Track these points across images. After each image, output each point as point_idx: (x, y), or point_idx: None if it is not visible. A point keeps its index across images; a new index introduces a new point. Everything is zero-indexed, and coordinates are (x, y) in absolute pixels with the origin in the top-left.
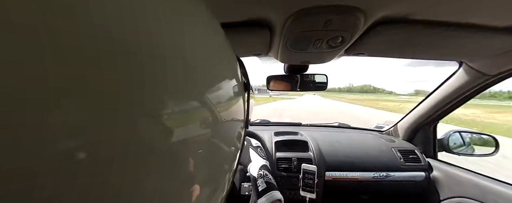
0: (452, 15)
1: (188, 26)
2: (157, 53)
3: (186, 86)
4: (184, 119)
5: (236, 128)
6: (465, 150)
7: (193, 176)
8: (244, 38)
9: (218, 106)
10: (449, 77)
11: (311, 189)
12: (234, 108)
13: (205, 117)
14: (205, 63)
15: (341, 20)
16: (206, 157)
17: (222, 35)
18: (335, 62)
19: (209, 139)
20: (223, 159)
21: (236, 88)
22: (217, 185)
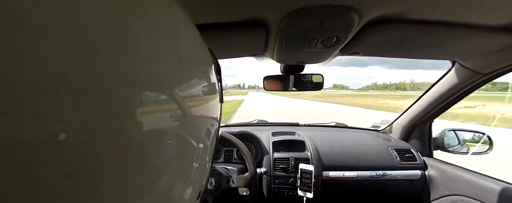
0: (445, 15)
1: (153, 24)
2: (120, 49)
3: (150, 82)
4: (149, 113)
5: (204, 125)
6: (460, 148)
7: (156, 169)
8: (240, 39)
9: (184, 102)
10: (442, 77)
11: (308, 189)
12: (203, 106)
13: (170, 112)
14: (168, 61)
15: (335, 20)
16: (170, 151)
17: (194, 36)
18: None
19: (174, 134)
20: (190, 155)
21: (206, 87)
22: (184, 179)
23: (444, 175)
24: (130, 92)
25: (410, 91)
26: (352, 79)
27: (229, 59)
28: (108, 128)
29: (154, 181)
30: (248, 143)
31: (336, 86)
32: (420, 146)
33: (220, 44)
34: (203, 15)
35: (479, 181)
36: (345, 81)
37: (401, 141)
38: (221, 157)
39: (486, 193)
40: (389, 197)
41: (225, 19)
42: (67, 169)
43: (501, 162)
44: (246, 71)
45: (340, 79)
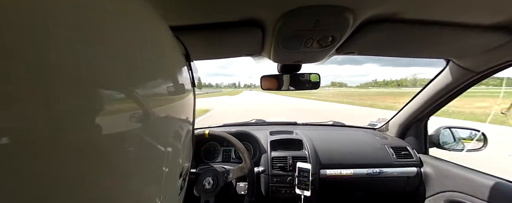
0: (439, 15)
1: (119, 25)
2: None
3: (113, 83)
4: (110, 116)
5: (172, 127)
6: (455, 145)
7: (121, 172)
8: (236, 39)
9: (150, 104)
10: (437, 75)
11: (306, 187)
12: (171, 107)
13: (133, 114)
14: (134, 62)
15: (330, 20)
16: (133, 154)
17: (164, 37)
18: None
19: (137, 137)
20: (157, 157)
21: (173, 88)
22: (152, 182)
23: (439, 172)
24: (76, 91)
25: (418, 87)
26: (347, 77)
27: (225, 59)
28: (54, 130)
29: (114, 187)
30: (246, 142)
31: (334, 84)
32: (416, 144)
33: (217, 44)
34: (199, 15)
35: (474, 177)
36: (341, 79)
37: (397, 138)
38: (219, 157)
39: (480, 189)
40: (385, 194)
41: (221, 19)
42: (16, 174)
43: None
44: (242, 70)
45: (336, 77)
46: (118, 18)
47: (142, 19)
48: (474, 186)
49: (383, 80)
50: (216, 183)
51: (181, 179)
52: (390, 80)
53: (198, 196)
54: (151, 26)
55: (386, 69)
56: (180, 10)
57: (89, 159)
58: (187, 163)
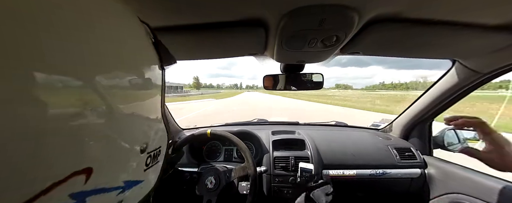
0: (445, 14)
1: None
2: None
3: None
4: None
5: (140, 121)
6: (460, 147)
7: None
8: (239, 38)
9: (114, 99)
10: (442, 76)
11: None
12: (136, 105)
13: (95, 109)
14: (98, 58)
15: (335, 20)
16: (98, 141)
17: (135, 36)
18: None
19: (99, 132)
20: (121, 154)
21: (139, 86)
22: (112, 152)
23: (443, 174)
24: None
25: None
26: (351, 79)
27: (227, 61)
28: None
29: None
30: (248, 142)
31: (338, 86)
32: (420, 145)
33: (220, 43)
34: (202, 15)
35: (479, 179)
36: (344, 81)
37: (401, 139)
38: (221, 156)
39: (485, 191)
40: (389, 195)
41: (224, 19)
42: None
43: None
44: (245, 72)
45: (339, 79)
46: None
47: (132, 26)
48: (480, 188)
49: (391, 83)
50: (218, 182)
51: (146, 154)
52: (399, 83)
53: (200, 195)
54: (134, 30)
55: (391, 71)
56: (183, 10)
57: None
58: (156, 142)
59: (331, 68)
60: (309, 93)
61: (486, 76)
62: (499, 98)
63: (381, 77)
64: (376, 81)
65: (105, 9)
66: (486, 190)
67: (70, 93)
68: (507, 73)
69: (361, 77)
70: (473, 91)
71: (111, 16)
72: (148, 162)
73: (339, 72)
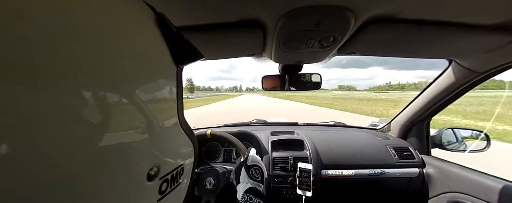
0: (441, 14)
1: (97, 24)
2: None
3: (90, 84)
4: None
5: (142, 136)
6: (458, 146)
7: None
8: (237, 39)
9: (111, 96)
10: (439, 76)
11: (307, 188)
12: (153, 115)
13: (109, 120)
14: (114, 64)
15: (331, 20)
16: (111, 161)
17: (146, 39)
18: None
19: (89, 149)
20: (119, 174)
21: (155, 92)
22: (106, 187)
23: (442, 173)
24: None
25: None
26: (352, 80)
27: (228, 64)
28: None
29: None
30: (247, 143)
31: (342, 88)
32: (418, 144)
33: (218, 44)
34: (200, 16)
35: (477, 178)
36: (345, 83)
37: (399, 139)
38: (220, 157)
39: (483, 190)
40: (387, 195)
41: (222, 20)
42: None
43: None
44: (245, 74)
45: (340, 80)
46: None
47: (144, 27)
48: (477, 187)
49: (398, 84)
50: (217, 183)
51: (159, 181)
52: (407, 83)
53: (199, 196)
54: (145, 31)
55: (392, 72)
56: (181, 10)
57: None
58: (165, 160)
59: (332, 70)
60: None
61: (482, 76)
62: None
63: (383, 78)
64: (377, 82)
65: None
66: (484, 189)
67: (75, 112)
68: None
69: (363, 79)
70: (469, 90)
71: (117, 14)
72: (163, 189)
73: (340, 74)
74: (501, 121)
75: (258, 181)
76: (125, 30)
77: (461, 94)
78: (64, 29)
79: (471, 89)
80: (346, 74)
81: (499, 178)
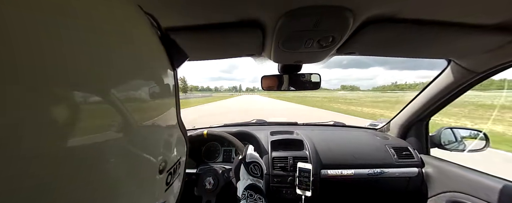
0: (439, 14)
1: (98, 26)
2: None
3: (90, 85)
4: (86, 122)
5: (149, 120)
6: (457, 145)
7: (103, 183)
8: (236, 39)
9: (120, 97)
10: (438, 76)
11: (307, 187)
12: (153, 113)
13: (111, 121)
14: (112, 64)
15: (330, 20)
16: (116, 164)
17: (146, 39)
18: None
19: (118, 146)
20: (141, 167)
21: (156, 92)
22: (126, 179)
23: (441, 172)
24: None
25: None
26: (354, 80)
27: (229, 64)
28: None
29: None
30: (246, 142)
31: (345, 88)
32: (417, 144)
33: (217, 44)
34: (199, 16)
35: (476, 177)
36: (347, 83)
37: (399, 139)
38: (220, 157)
39: (482, 189)
40: (386, 194)
41: (221, 20)
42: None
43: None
44: (246, 74)
45: (341, 80)
46: (119, 26)
47: (143, 29)
48: (476, 187)
49: (405, 83)
50: (216, 183)
51: (166, 174)
52: (414, 83)
53: (199, 196)
54: (146, 33)
55: (392, 72)
56: (180, 10)
57: (51, 155)
58: (175, 157)
59: (332, 70)
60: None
61: (480, 75)
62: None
63: (383, 78)
64: (378, 82)
65: (109, 6)
66: (483, 188)
67: (79, 111)
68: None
69: (364, 79)
70: (468, 90)
71: (117, 13)
72: (168, 181)
73: (342, 74)
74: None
75: (257, 177)
76: (131, 36)
77: (460, 94)
78: (77, 34)
79: (469, 89)
80: (349, 75)
81: (498, 178)
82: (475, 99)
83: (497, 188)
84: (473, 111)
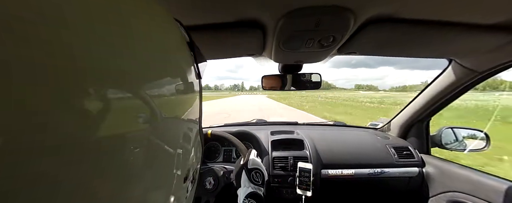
0: (441, 14)
1: (123, 21)
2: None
3: (119, 82)
4: (116, 116)
5: (181, 128)
6: (457, 145)
7: (126, 177)
8: (237, 39)
9: (158, 104)
10: (439, 75)
11: (307, 187)
12: (178, 105)
13: (138, 115)
14: (142, 60)
15: (331, 20)
16: (141, 157)
17: (171, 34)
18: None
19: (144, 139)
20: (165, 161)
21: (181, 87)
22: (159, 188)
23: (441, 172)
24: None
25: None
26: (360, 80)
27: (234, 64)
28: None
29: (117, 192)
30: (247, 142)
31: (360, 87)
32: (418, 144)
33: (218, 44)
34: (200, 16)
35: (476, 177)
36: (356, 82)
37: (399, 138)
38: (220, 157)
39: (482, 189)
40: (387, 194)
41: (222, 20)
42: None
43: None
44: (251, 74)
45: (348, 80)
46: (142, 20)
47: (166, 22)
48: (477, 186)
49: (421, 83)
50: (216, 183)
51: (189, 181)
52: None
53: (199, 197)
54: (150, 14)
55: (403, 72)
56: (181, 10)
57: (93, 162)
58: (195, 164)
59: (341, 70)
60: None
61: (482, 75)
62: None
63: (392, 78)
64: (387, 82)
65: (142, 10)
66: (483, 188)
67: (116, 111)
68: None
69: (372, 79)
70: (469, 89)
71: (150, 17)
72: (189, 189)
73: (349, 74)
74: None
75: (258, 185)
76: (168, 45)
77: (461, 93)
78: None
79: (470, 89)
80: (355, 75)
81: (498, 177)
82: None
83: (497, 188)
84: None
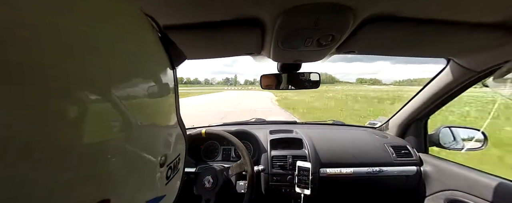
0: (439, 13)
1: (96, 24)
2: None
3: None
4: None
5: (158, 131)
6: (455, 144)
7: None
8: (236, 38)
9: (132, 108)
10: (437, 74)
11: (306, 186)
12: (154, 111)
13: (109, 121)
14: (109, 63)
15: (330, 19)
16: (119, 159)
17: (147, 40)
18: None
19: (120, 143)
20: (143, 161)
21: (156, 91)
22: (128, 170)
23: (439, 171)
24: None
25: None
26: (357, 75)
27: (231, 58)
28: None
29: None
30: (246, 141)
31: (362, 81)
32: (416, 143)
33: (216, 43)
34: (198, 14)
35: (473, 176)
36: (351, 77)
37: (397, 137)
38: (219, 156)
39: (480, 187)
40: (385, 192)
41: (220, 18)
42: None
43: None
44: (246, 68)
45: (345, 74)
46: (116, 24)
47: (141, 26)
48: (474, 185)
49: (423, 78)
50: (216, 181)
51: (166, 168)
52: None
53: (199, 195)
54: (144, 31)
55: (398, 66)
56: (179, 9)
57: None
58: (175, 154)
59: (336, 64)
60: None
61: (480, 74)
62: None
63: (386, 73)
64: (381, 77)
65: (109, 6)
66: (481, 187)
67: (85, 109)
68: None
69: (367, 73)
70: (467, 89)
71: (118, 14)
72: (168, 175)
73: (345, 68)
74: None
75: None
76: (132, 36)
77: (459, 93)
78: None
79: (468, 88)
80: (351, 69)
81: (495, 176)
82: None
83: (494, 186)
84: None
